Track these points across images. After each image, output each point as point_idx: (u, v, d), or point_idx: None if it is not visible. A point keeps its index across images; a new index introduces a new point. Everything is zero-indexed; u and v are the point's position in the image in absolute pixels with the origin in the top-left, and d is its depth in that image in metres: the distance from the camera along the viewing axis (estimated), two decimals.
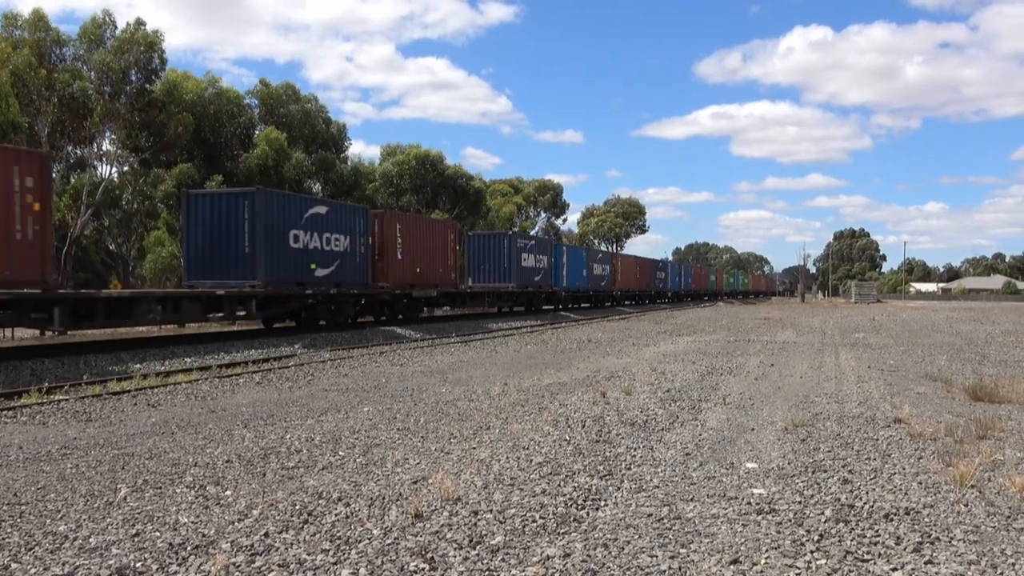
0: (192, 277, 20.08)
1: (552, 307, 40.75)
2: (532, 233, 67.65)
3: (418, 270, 26.93)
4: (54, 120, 34.52)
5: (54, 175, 38.14)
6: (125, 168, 41.78)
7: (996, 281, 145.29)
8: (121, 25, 36.37)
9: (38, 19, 34.63)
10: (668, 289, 65.42)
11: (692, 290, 75.03)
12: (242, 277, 19.59)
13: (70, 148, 38.73)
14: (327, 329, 22.64)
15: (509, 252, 34.29)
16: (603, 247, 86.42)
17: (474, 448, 7.16)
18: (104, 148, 40.14)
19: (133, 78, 36.04)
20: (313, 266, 21.61)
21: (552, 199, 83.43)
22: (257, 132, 43.68)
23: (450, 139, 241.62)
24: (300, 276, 21.12)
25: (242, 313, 20.03)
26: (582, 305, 46.78)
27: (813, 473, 6.20)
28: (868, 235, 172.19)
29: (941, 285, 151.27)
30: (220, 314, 19.36)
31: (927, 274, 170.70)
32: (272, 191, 21.93)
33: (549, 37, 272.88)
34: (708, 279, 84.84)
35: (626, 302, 54.64)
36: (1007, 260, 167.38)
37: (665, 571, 4.22)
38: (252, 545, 4.60)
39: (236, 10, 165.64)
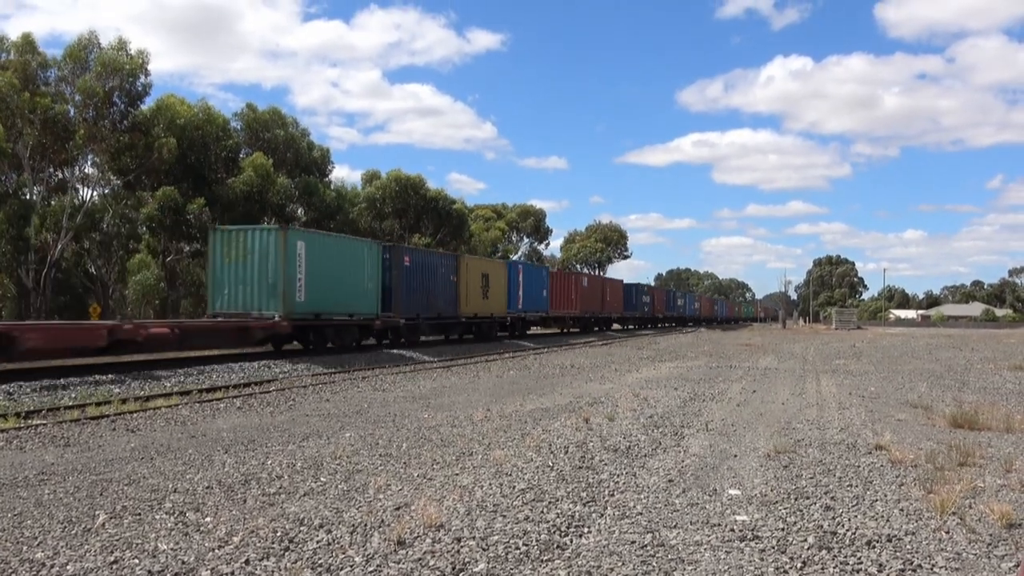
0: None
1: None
2: (516, 259, 67.59)
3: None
4: (35, 143, 34.34)
5: (35, 196, 37.99)
6: (107, 191, 41.59)
7: (975, 308, 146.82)
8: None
9: (26, 42, 34.50)
10: (718, 316, 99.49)
11: (727, 316, 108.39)
12: None
13: (51, 170, 38.51)
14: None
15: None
16: (586, 271, 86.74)
17: (457, 474, 7.13)
18: (87, 171, 39.97)
19: (117, 101, 35.92)
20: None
21: (535, 224, 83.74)
22: (242, 156, 43.60)
23: (435, 164, 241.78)
24: None
25: None
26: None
27: (796, 500, 6.21)
28: (848, 262, 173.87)
29: (921, 312, 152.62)
30: None
31: (907, 301, 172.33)
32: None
33: (534, 65, 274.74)
34: (734, 309, 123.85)
35: (701, 324, 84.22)
36: (985, 287, 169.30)
37: None
38: (232, 573, 4.55)
39: (225, 36, 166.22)
